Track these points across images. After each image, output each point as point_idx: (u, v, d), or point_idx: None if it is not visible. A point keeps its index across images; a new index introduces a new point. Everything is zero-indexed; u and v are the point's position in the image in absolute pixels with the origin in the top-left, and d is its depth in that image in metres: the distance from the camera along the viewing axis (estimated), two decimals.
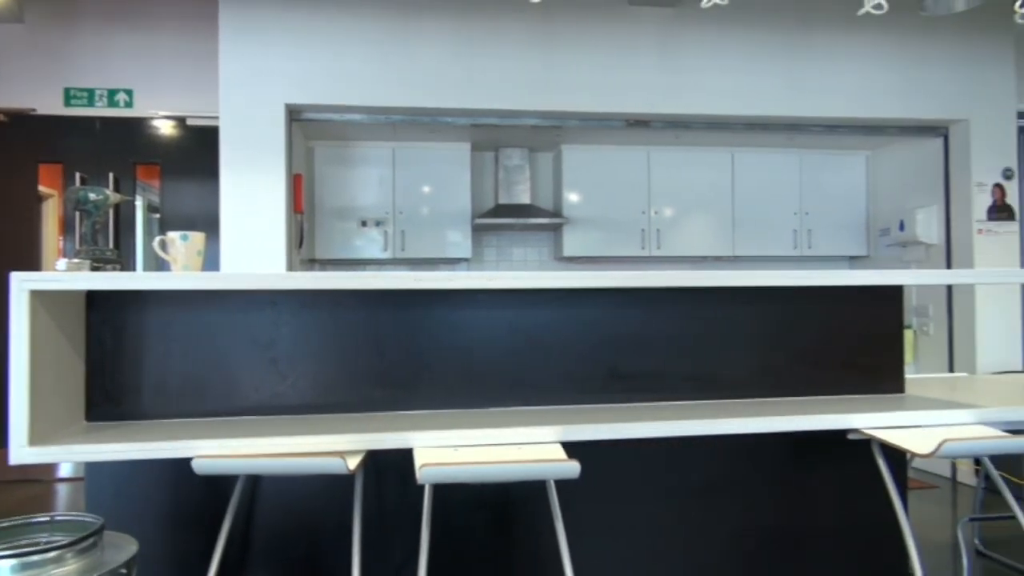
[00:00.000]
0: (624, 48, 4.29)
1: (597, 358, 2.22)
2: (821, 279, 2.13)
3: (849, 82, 4.51)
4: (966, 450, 1.81)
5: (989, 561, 3.18)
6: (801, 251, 5.65)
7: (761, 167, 5.62)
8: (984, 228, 4.67)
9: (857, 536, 2.32)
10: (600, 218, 5.40)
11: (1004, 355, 4.62)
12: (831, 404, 2.17)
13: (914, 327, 5.12)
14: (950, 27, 4.63)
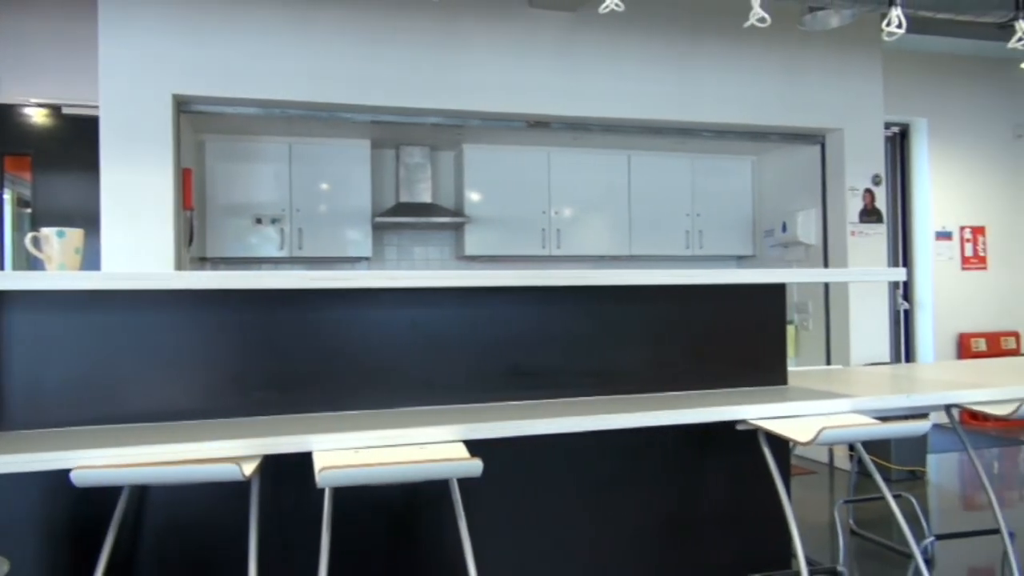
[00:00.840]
0: (525, 50, 4.34)
1: (499, 356, 2.24)
2: (712, 278, 2.24)
3: (736, 90, 4.73)
4: (841, 437, 1.94)
5: (861, 540, 3.42)
6: (693, 251, 5.89)
7: (656, 170, 5.81)
8: (856, 230, 5.01)
9: (746, 520, 2.45)
10: (501, 217, 5.44)
11: (874, 348, 4.99)
12: (721, 397, 2.27)
13: (795, 323, 5.44)
14: (826, 42, 4.94)
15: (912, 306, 6.45)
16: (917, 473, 4.51)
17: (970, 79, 6.57)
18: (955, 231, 6.48)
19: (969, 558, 3.14)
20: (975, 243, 6.53)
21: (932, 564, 3.09)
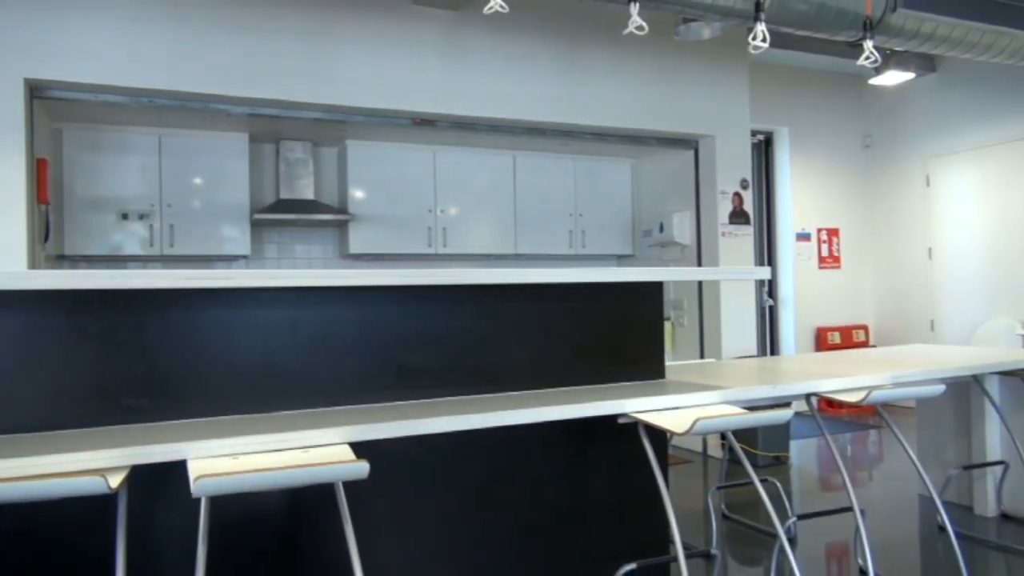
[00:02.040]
0: (410, 47, 4.30)
1: (386, 356, 2.22)
2: (594, 276, 2.30)
3: (616, 95, 4.89)
4: (714, 427, 2.05)
5: (732, 523, 3.63)
6: (576, 250, 6.04)
7: (540, 170, 5.92)
8: (727, 231, 5.31)
9: (628, 510, 2.54)
10: (387, 215, 5.37)
11: (743, 342, 5.30)
12: (603, 392, 2.35)
13: (672, 319, 5.70)
14: (699, 53, 5.20)
15: (776, 302, 6.90)
16: (781, 458, 4.83)
17: (827, 92, 7.11)
18: (813, 233, 6.98)
19: (827, 535, 3.40)
20: (830, 244, 7.07)
21: (795, 542, 3.32)
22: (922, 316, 6.80)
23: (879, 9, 3.77)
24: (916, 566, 3.00)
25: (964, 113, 6.43)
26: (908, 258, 6.93)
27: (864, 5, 3.74)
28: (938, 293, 6.65)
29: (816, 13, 3.68)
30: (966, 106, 6.41)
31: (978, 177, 6.30)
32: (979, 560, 3.04)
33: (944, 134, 6.59)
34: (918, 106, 6.82)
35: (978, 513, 3.65)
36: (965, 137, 6.42)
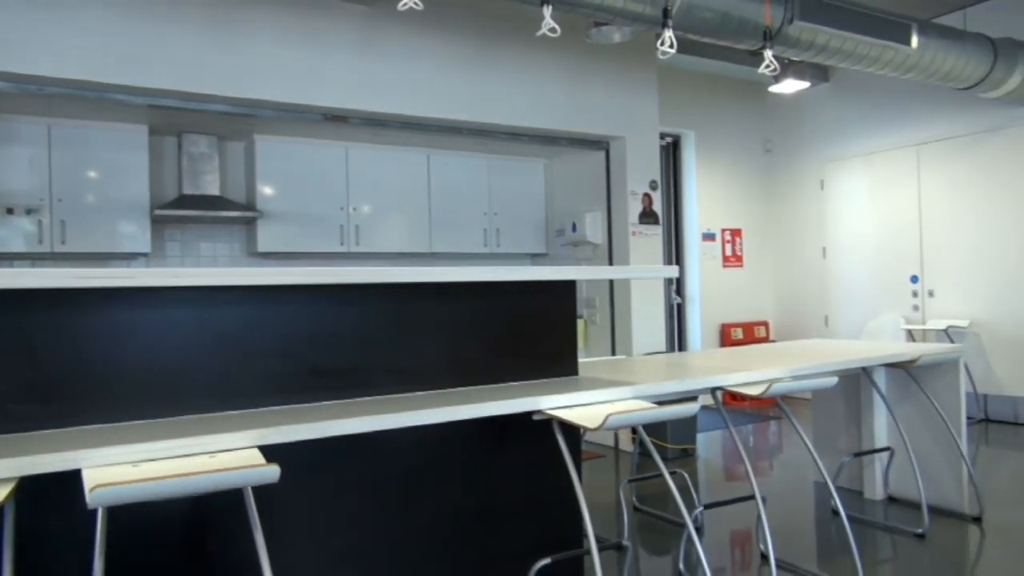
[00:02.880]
0: (322, 41, 4.21)
1: (297, 356, 2.17)
2: (509, 275, 2.32)
3: (529, 95, 4.94)
4: (625, 421, 2.11)
5: (643, 514, 3.73)
6: (491, 249, 6.07)
7: (455, 169, 5.91)
8: (637, 230, 5.45)
9: (543, 505, 2.57)
10: (297, 213, 5.24)
11: (652, 338, 5.45)
12: (518, 389, 2.37)
13: (584, 317, 5.80)
14: (610, 56, 5.32)
15: (683, 300, 7.14)
16: (689, 451, 5.01)
17: (730, 98, 7.40)
18: (718, 233, 7.26)
19: (731, 523, 3.55)
20: (734, 244, 7.37)
21: (701, 531, 3.44)
22: (817, 312, 7.18)
23: (777, 20, 3.96)
24: (812, 549, 3.17)
25: (855, 121, 6.83)
26: (805, 257, 7.31)
27: (764, 16, 3.91)
28: (832, 290, 7.04)
29: (720, 22, 3.83)
30: (856, 114, 6.81)
31: (867, 181, 6.71)
32: (868, 540, 3.24)
33: (837, 140, 6.98)
34: (813, 113, 7.20)
35: (867, 497, 3.89)
36: (856, 144, 6.82)
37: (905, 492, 3.80)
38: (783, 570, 2.92)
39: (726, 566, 3.00)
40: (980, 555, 3.04)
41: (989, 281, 5.83)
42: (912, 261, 6.35)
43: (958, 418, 3.56)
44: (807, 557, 3.07)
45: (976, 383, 5.92)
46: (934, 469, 3.64)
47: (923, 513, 3.47)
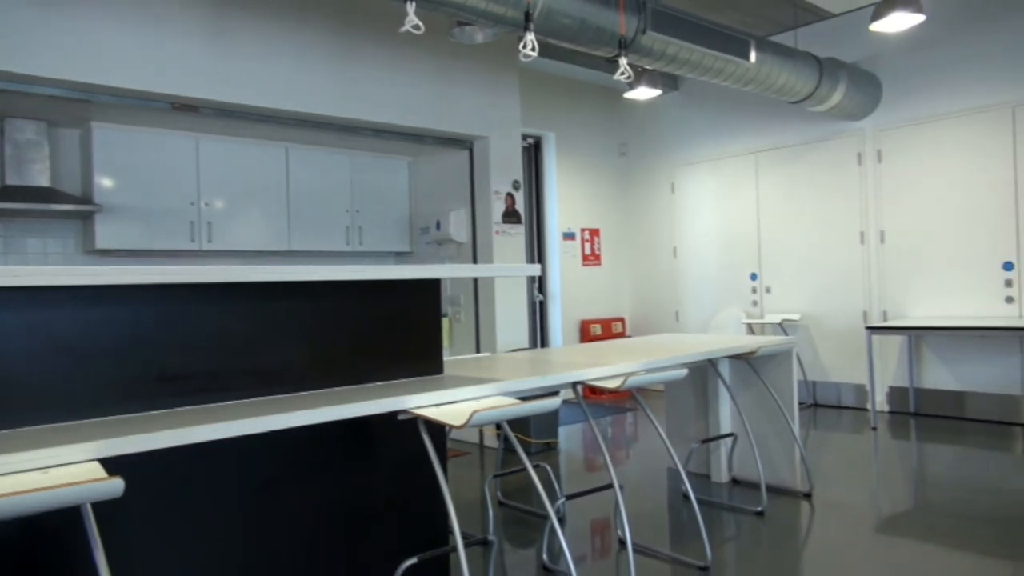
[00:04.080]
0: (170, 25, 3.95)
1: (143, 361, 2.02)
2: (373, 274, 2.29)
3: (393, 92, 4.89)
4: (490, 418, 2.14)
5: (508, 509, 3.80)
6: (353, 247, 5.94)
7: (315, 164, 5.74)
8: (500, 230, 5.53)
9: (409, 505, 2.56)
10: (142, 207, 4.89)
11: (516, 335, 5.55)
12: (382, 389, 2.34)
13: (449, 315, 5.82)
14: (475, 56, 5.36)
15: (546, 298, 7.32)
16: (551, 444, 5.14)
17: (589, 102, 7.67)
18: (577, 232, 7.51)
19: (592, 511, 3.69)
20: (592, 243, 7.65)
21: (564, 521, 3.55)
22: (669, 308, 7.60)
23: (632, 30, 4.15)
24: (665, 532, 3.35)
25: (702, 128, 7.28)
26: (657, 256, 7.70)
27: (620, 25, 4.09)
28: (682, 287, 7.48)
29: (579, 28, 3.96)
30: (703, 122, 7.27)
31: (713, 185, 7.17)
32: (715, 520, 3.48)
33: (686, 146, 7.41)
34: (664, 120, 7.60)
35: (714, 480, 4.16)
36: (702, 149, 7.27)
37: (747, 474, 4.11)
38: (639, 554, 3.07)
39: (587, 554, 3.12)
40: (811, 528, 3.34)
41: (817, 278, 6.41)
42: (752, 260, 6.86)
43: (791, 404, 3.88)
44: (661, 540, 3.24)
45: (806, 371, 6.49)
46: (771, 452, 3.96)
47: (762, 492, 3.77)
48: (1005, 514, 3.38)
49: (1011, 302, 5.33)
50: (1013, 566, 2.79)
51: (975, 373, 5.52)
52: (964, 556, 2.91)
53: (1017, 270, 5.30)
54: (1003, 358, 5.37)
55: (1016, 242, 5.31)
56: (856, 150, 6.14)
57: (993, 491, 3.74)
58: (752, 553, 3.04)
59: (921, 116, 5.77)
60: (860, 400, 6.17)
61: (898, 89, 5.89)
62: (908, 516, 3.43)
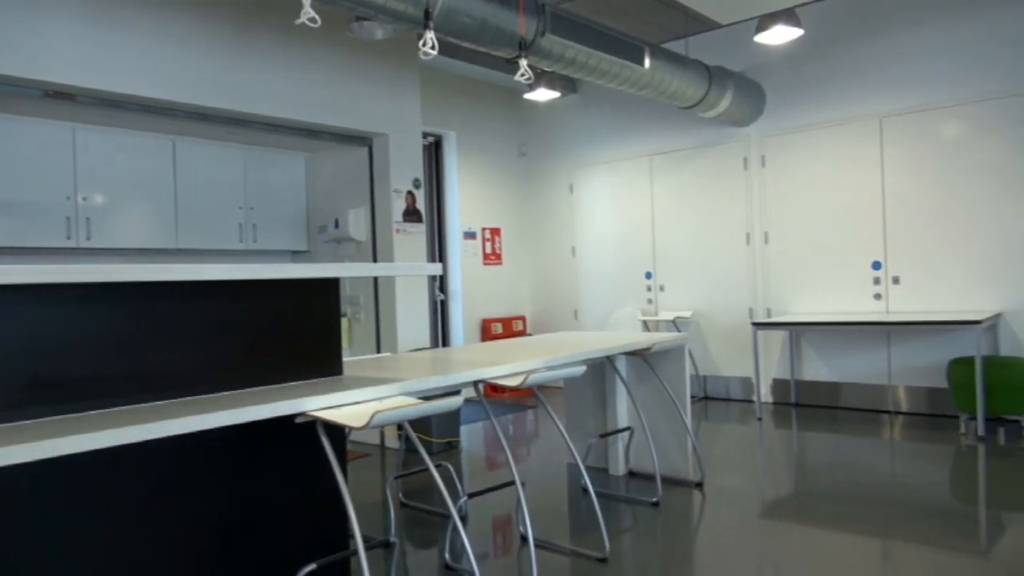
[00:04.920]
0: (44, 6, 3.68)
1: (14, 367, 1.88)
2: (268, 272, 2.22)
3: (289, 86, 4.75)
4: (391, 418, 2.12)
5: (410, 510, 3.77)
6: (247, 245, 5.73)
7: (205, 159, 5.49)
8: (400, 228, 5.47)
9: (308, 510, 2.49)
10: (9, 201, 4.53)
11: (417, 335, 5.52)
12: (279, 392, 2.27)
13: (348, 315, 5.71)
14: (374, 52, 5.28)
15: (447, 297, 7.31)
16: (453, 443, 5.14)
17: (490, 102, 7.71)
18: (478, 232, 7.53)
19: (494, 509, 3.71)
20: (493, 242, 7.70)
21: (466, 520, 3.56)
22: (568, 306, 7.75)
23: (531, 32, 4.20)
24: (566, 526, 3.42)
25: (599, 130, 7.46)
26: (556, 255, 7.84)
27: (520, 27, 4.13)
28: (580, 286, 7.64)
29: (479, 28, 3.97)
30: (601, 125, 7.45)
31: (610, 186, 7.37)
32: (613, 512, 3.57)
33: (584, 148, 7.58)
34: (563, 121, 7.74)
35: (612, 473, 4.28)
36: (600, 151, 7.45)
37: (643, 466, 4.25)
38: (541, 548, 3.12)
39: (489, 551, 3.14)
40: (702, 515, 3.49)
41: (707, 277, 6.70)
42: (647, 259, 7.09)
43: (684, 397, 4.05)
44: (562, 534, 3.30)
45: (697, 366, 6.77)
46: (665, 444, 4.11)
47: (657, 483, 3.91)
48: (876, 495, 3.65)
49: (879, 299, 5.76)
50: (882, 543, 3.02)
51: (848, 365, 5.92)
52: (840, 535, 3.13)
53: (884, 269, 5.73)
54: (872, 351, 5.79)
55: (883, 243, 5.73)
56: (742, 155, 6.46)
57: (865, 474, 4.03)
58: (648, 542, 3.15)
59: (800, 124, 6.13)
60: (747, 392, 6.50)
61: (780, 98, 6.24)
62: (790, 500, 3.64)
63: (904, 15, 5.58)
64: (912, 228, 5.60)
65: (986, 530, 3.12)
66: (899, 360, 5.67)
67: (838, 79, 5.93)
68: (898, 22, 5.62)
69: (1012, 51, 5.14)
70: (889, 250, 5.71)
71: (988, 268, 5.28)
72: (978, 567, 2.74)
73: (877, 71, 5.73)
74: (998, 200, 5.23)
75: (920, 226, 5.56)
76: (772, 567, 2.83)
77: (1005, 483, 3.77)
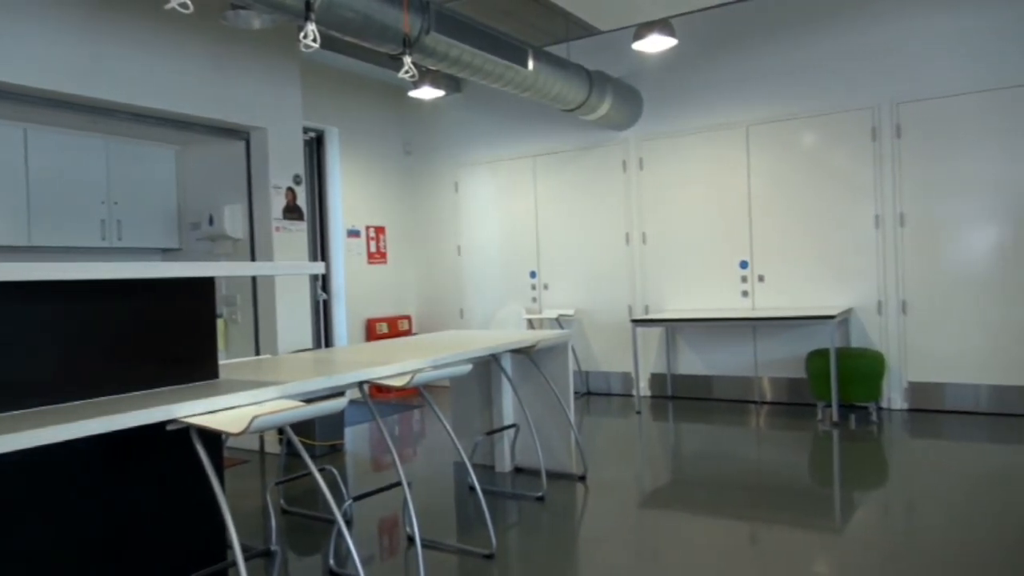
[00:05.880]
0: None
1: None
2: (134, 272, 2.09)
3: (159, 75, 4.48)
4: (272, 422, 2.05)
5: (292, 516, 3.66)
6: (111, 242, 5.36)
7: (62, 149, 5.09)
8: (280, 226, 5.29)
9: (183, 521, 2.37)
10: None
11: (299, 336, 5.35)
12: (150, 398, 2.14)
13: (224, 316, 5.46)
14: (253, 42, 5.07)
15: (330, 296, 7.13)
16: (337, 446, 5.03)
17: (375, 98, 7.58)
18: (362, 230, 7.40)
19: (381, 511, 3.66)
20: (378, 241, 7.58)
21: (351, 524, 3.49)
22: (454, 305, 7.75)
23: (416, 29, 4.17)
24: (452, 524, 3.43)
25: (483, 130, 7.51)
26: (442, 254, 7.83)
27: (404, 23, 4.09)
28: (466, 285, 7.66)
29: (362, 22, 3.90)
30: (485, 124, 7.50)
31: (494, 186, 7.43)
32: (499, 509, 3.61)
33: (468, 147, 7.60)
34: (448, 120, 7.74)
35: (498, 470, 4.32)
36: (484, 151, 7.50)
37: (528, 462, 4.32)
38: (428, 548, 3.11)
39: (376, 554, 3.10)
40: (585, 507, 3.59)
41: (589, 276, 6.90)
42: (531, 258, 7.21)
43: (567, 393, 4.15)
44: (449, 532, 3.31)
45: (580, 362, 6.96)
46: (550, 439, 4.20)
47: (542, 478, 3.99)
48: (744, 480, 3.89)
49: (746, 296, 6.12)
50: (750, 526, 3.22)
51: (719, 359, 6.26)
52: (712, 520, 3.30)
53: (751, 268, 6.10)
54: (740, 345, 6.16)
55: (749, 244, 6.10)
56: (621, 158, 6.69)
57: (734, 461, 4.28)
58: (533, 536, 3.21)
59: (675, 130, 6.42)
60: (627, 387, 6.74)
61: (656, 104, 6.51)
62: (667, 489, 3.81)
63: (767, 33, 5.96)
64: (775, 230, 5.99)
65: (840, 509, 3.39)
66: (764, 353, 6.06)
67: (710, 88, 6.25)
68: (763, 38, 5.99)
69: (858, 67, 5.60)
70: (755, 250, 6.08)
71: (840, 267, 5.74)
72: (834, 543, 2.97)
73: (744, 82, 6.09)
74: (846, 204, 5.69)
75: (782, 228, 5.96)
76: (650, 553, 2.95)
77: (856, 465, 4.11)
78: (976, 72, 5.21)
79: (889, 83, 5.51)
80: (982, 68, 5.19)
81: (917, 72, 5.41)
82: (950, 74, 5.30)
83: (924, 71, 5.39)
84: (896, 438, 4.68)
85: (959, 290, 5.33)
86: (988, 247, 5.23)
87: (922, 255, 5.46)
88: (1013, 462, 4.00)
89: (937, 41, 5.34)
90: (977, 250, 5.27)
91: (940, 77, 5.33)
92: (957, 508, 3.31)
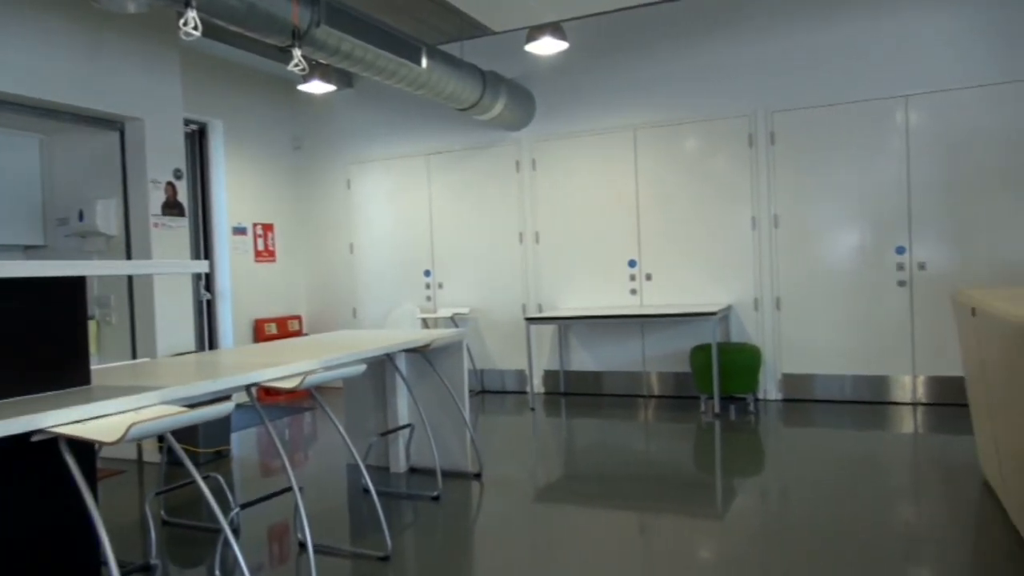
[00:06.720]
0: None
1: None
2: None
3: (19, 57, 4.14)
4: (151, 430, 1.94)
5: (174, 527, 3.48)
6: None
7: None
8: (159, 222, 5.02)
9: (54, 536, 2.21)
10: None
11: (180, 338, 5.09)
12: (11, 407, 1.99)
13: (97, 317, 5.12)
14: (128, 27, 4.77)
15: (214, 296, 6.83)
16: (223, 452, 4.82)
17: (262, 91, 7.31)
18: (249, 227, 7.13)
19: (270, 518, 3.54)
20: (266, 238, 7.32)
21: (239, 532, 3.36)
22: (346, 304, 7.60)
23: (305, 21, 4.06)
24: (347, 528, 3.36)
25: (376, 127, 7.39)
26: (334, 253, 7.65)
27: (292, 15, 3.97)
28: (359, 284, 7.53)
29: (247, 12, 3.76)
30: (378, 121, 7.39)
31: (387, 184, 7.34)
32: (394, 510, 3.58)
33: (361, 144, 7.47)
34: (340, 116, 7.57)
35: (393, 471, 4.28)
36: (377, 148, 7.39)
37: (424, 462, 4.30)
38: (320, 554, 3.04)
39: (265, 562, 3.00)
40: (481, 505, 3.61)
41: (484, 275, 6.93)
42: (426, 257, 7.17)
43: (462, 392, 4.16)
44: (342, 536, 3.24)
45: (475, 360, 6.99)
46: (445, 438, 4.20)
47: (438, 478, 3.98)
48: (633, 472, 4.03)
49: (635, 294, 6.34)
50: (639, 516, 3.34)
51: (609, 355, 6.45)
52: (604, 511, 3.40)
53: (639, 267, 6.32)
54: (629, 341, 6.36)
55: (637, 243, 6.31)
56: (515, 158, 6.76)
57: (623, 454, 4.42)
58: (429, 536, 3.20)
59: (567, 131, 6.56)
60: (521, 384, 6.82)
61: (549, 105, 6.62)
62: (560, 484, 3.90)
63: (656, 41, 6.19)
64: (661, 230, 6.23)
65: (721, 496, 3.58)
66: (652, 349, 6.29)
67: (600, 91, 6.42)
68: (651, 46, 6.21)
69: (737, 76, 5.91)
70: (643, 250, 6.30)
71: (720, 266, 6.04)
72: (716, 528, 3.13)
73: (633, 87, 6.29)
74: (726, 206, 5.99)
75: (667, 228, 6.21)
76: (544, 547, 3.01)
77: (735, 454, 4.34)
78: (841, 84, 5.62)
79: (765, 92, 5.85)
80: (845, 81, 5.60)
81: (789, 82, 5.77)
82: (817, 86, 5.69)
83: (795, 82, 5.75)
84: (771, 427, 4.98)
85: (826, 287, 5.73)
86: (851, 248, 5.65)
87: (794, 255, 5.83)
88: (873, 447, 4.34)
89: (807, 53, 5.71)
90: (841, 250, 5.68)
91: (808, 88, 5.71)
92: (826, 490, 3.56)
